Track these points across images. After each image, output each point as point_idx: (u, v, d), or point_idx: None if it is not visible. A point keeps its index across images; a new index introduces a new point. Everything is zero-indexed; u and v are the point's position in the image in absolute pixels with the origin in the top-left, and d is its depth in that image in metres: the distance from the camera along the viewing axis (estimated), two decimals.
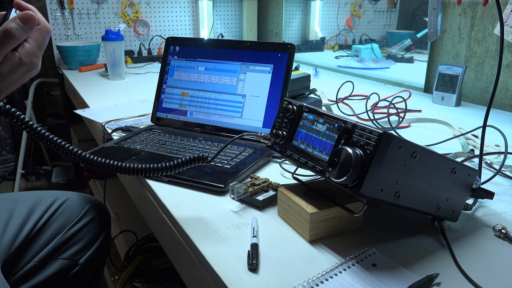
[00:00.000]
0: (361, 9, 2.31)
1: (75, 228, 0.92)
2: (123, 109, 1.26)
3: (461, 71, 1.29)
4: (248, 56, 0.95)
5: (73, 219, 0.93)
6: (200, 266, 0.56)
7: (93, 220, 0.96)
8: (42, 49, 0.58)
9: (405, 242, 0.57)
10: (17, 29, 0.53)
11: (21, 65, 0.55)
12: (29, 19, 0.54)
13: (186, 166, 0.62)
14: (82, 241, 0.92)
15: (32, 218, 0.89)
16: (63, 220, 0.92)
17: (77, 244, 0.92)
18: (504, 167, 0.79)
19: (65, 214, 0.93)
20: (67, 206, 0.94)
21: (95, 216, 0.97)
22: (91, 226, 0.95)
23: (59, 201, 0.94)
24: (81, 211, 0.95)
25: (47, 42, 0.59)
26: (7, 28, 0.53)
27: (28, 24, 0.54)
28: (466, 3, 1.38)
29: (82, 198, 0.98)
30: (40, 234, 0.88)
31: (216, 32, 2.49)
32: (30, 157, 2.58)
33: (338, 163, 0.50)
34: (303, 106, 0.63)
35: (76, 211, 0.94)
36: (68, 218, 0.93)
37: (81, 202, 0.97)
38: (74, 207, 0.95)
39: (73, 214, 0.94)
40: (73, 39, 2.14)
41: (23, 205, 0.90)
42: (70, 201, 0.95)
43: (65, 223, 0.92)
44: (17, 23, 0.54)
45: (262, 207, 0.66)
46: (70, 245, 0.91)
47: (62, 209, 0.93)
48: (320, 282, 0.49)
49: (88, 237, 0.94)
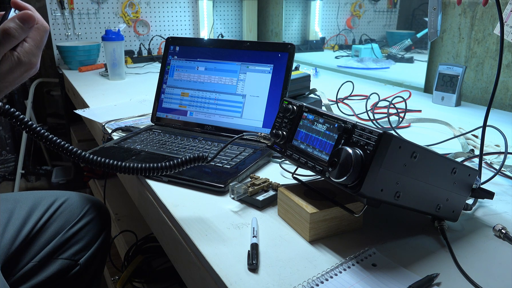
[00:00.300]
0: (361, 9, 2.31)
1: (75, 228, 0.92)
2: (123, 109, 1.26)
3: (461, 71, 1.29)
4: (248, 56, 0.95)
5: (73, 219, 0.93)
6: (200, 266, 0.56)
7: (93, 220, 0.96)
8: (40, 49, 0.58)
9: (405, 242, 0.57)
10: (16, 29, 0.53)
11: (20, 65, 0.55)
12: (28, 18, 0.54)
13: (186, 166, 0.62)
14: (82, 241, 0.93)
15: (32, 218, 0.89)
16: (63, 220, 0.92)
17: (77, 244, 0.92)
18: (504, 167, 0.79)
19: (65, 214, 0.93)
20: (67, 206, 0.94)
21: (95, 216, 0.97)
22: (91, 226, 0.95)
23: (59, 201, 0.94)
24: (81, 211, 0.95)
25: (45, 42, 0.59)
26: (6, 27, 0.53)
27: (27, 23, 0.54)
28: (466, 3, 1.38)
29: (82, 198, 0.98)
30: (40, 234, 0.88)
31: (216, 32, 2.49)
32: (30, 157, 2.58)
33: (338, 163, 0.50)
34: (303, 106, 0.63)
35: (76, 211, 0.94)
36: (68, 218, 0.93)
37: (81, 202, 0.97)
38: (74, 207, 0.95)
39: (73, 214, 0.94)
40: (73, 39, 2.14)
41: (23, 205, 0.90)
42: (70, 201, 0.95)
43: (65, 223, 0.92)
44: (16, 23, 0.54)
45: (262, 207, 0.66)
46: (70, 245, 0.91)
47: (62, 209, 0.93)
48: (320, 282, 0.49)
49: (88, 237, 0.94)
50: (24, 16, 0.54)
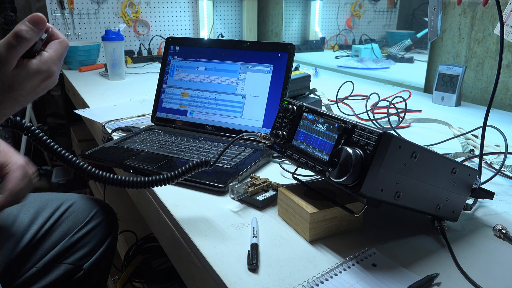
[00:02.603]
0: (361, 9, 2.31)
1: (81, 233, 0.90)
2: (123, 109, 1.26)
3: (461, 71, 1.29)
4: (248, 56, 0.95)
5: (79, 223, 0.91)
6: (200, 266, 0.56)
7: (100, 224, 0.94)
8: (60, 61, 0.58)
9: (405, 242, 0.57)
10: (27, 31, 0.53)
11: (38, 73, 0.54)
12: (39, 20, 0.54)
13: (191, 173, 0.62)
14: (88, 246, 0.91)
15: (37, 222, 0.87)
16: (69, 224, 0.90)
17: (83, 249, 0.90)
18: (504, 167, 0.79)
19: (72, 219, 0.91)
20: (74, 210, 0.93)
21: (102, 219, 0.95)
22: (98, 230, 0.93)
23: (65, 204, 0.93)
24: (88, 215, 0.93)
25: (64, 55, 0.59)
26: (17, 30, 0.52)
27: (37, 25, 0.54)
28: (466, 3, 1.38)
29: (89, 202, 0.97)
30: (45, 239, 0.87)
31: (216, 32, 2.49)
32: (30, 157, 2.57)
33: (338, 163, 0.50)
34: (303, 106, 0.63)
35: (82, 215, 0.93)
36: (74, 222, 0.91)
37: (88, 206, 0.95)
38: (80, 211, 0.93)
39: (79, 218, 0.92)
40: (73, 39, 2.14)
41: (29, 208, 0.88)
42: (76, 205, 0.94)
43: (71, 227, 0.90)
44: (27, 25, 0.53)
45: (262, 207, 0.66)
46: (75, 250, 0.89)
47: (69, 213, 0.92)
48: (320, 282, 0.49)
49: (94, 242, 0.92)
50: (35, 18, 0.54)
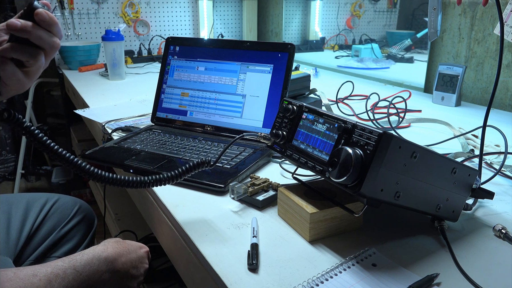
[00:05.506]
0: (361, 9, 2.31)
1: (67, 227, 0.97)
2: (123, 109, 1.26)
3: (461, 71, 1.29)
4: (248, 56, 0.95)
5: (65, 218, 0.98)
6: (200, 266, 0.56)
7: (83, 220, 1.01)
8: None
9: (405, 242, 0.57)
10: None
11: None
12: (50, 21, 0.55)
13: (191, 173, 0.62)
14: (74, 239, 0.98)
15: (29, 218, 0.93)
16: (56, 219, 0.97)
17: (69, 242, 0.97)
18: (504, 167, 0.79)
19: (58, 214, 0.98)
20: (59, 206, 0.99)
21: (84, 216, 1.02)
22: (81, 225, 1.01)
23: (50, 201, 0.99)
24: (72, 211, 1.00)
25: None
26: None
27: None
28: (466, 3, 1.38)
29: (71, 199, 1.04)
30: (37, 233, 0.93)
31: (216, 32, 2.49)
32: (30, 157, 2.58)
33: (338, 163, 0.50)
34: (303, 106, 0.63)
35: (67, 211, 1.00)
36: (61, 217, 0.98)
37: (71, 203, 1.02)
38: (66, 207, 1.00)
39: (65, 213, 0.99)
40: (73, 39, 2.14)
41: (18, 207, 0.93)
42: (61, 201, 1.00)
43: (58, 222, 0.97)
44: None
45: (262, 207, 0.66)
46: (63, 243, 0.96)
47: (55, 208, 0.98)
48: (320, 282, 0.49)
49: (79, 236, 0.99)
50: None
